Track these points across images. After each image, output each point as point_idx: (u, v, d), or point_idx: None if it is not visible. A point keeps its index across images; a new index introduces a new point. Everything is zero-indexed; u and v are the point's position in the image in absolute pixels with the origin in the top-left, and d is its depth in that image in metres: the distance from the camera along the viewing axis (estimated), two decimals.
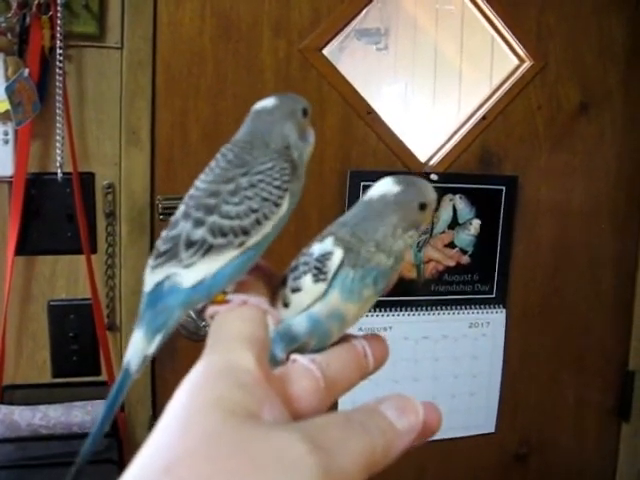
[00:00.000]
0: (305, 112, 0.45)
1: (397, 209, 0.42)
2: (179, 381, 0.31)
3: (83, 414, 1.29)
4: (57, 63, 1.23)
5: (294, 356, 0.39)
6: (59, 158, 1.26)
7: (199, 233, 0.40)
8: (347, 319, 0.41)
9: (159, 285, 0.41)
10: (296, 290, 0.41)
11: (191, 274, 0.40)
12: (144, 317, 0.42)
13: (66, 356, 1.35)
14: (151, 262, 0.42)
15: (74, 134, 1.28)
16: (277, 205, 0.41)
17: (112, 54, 1.31)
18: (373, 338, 0.42)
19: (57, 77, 1.23)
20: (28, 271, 1.32)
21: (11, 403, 1.29)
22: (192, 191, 0.42)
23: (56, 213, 1.31)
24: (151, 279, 0.42)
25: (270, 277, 0.44)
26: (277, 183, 0.41)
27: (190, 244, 0.40)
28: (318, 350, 0.41)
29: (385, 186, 0.43)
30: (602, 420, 1.74)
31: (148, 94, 1.33)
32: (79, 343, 1.35)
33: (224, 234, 0.40)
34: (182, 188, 1.38)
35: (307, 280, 0.41)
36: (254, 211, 0.40)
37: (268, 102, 0.45)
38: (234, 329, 0.36)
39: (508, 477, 1.69)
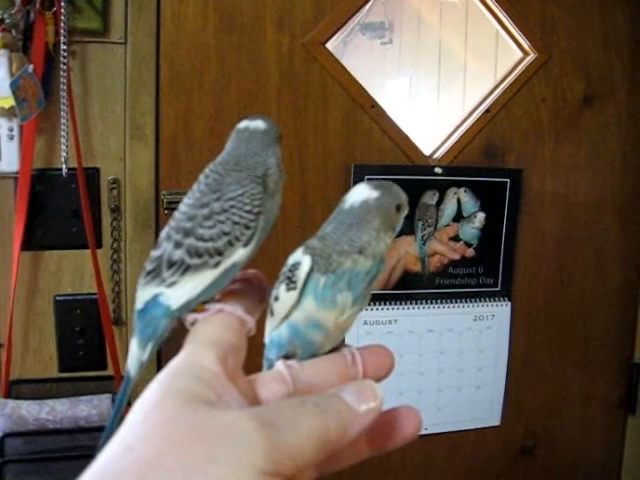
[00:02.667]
0: (280, 136, 0.49)
1: (378, 214, 0.43)
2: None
3: (90, 408, 1.30)
4: (61, 59, 1.23)
5: (278, 361, 0.42)
6: (64, 154, 1.26)
7: (178, 254, 0.45)
8: (327, 327, 0.42)
9: (148, 303, 0.46)
10: (276, 299, 0.44)
11: (175, 294, 0.45)
12: (136, 328, 0.47)
13: (72, 351, 1.36)
14: (140, 280, 0.47)
15: (79, 129, 1.28)
16: (248, 228, 0.44)
17: (116, 49, 1.31)
18: (371, 348, 0.43)
19: (61, 73, 1.23)
20: (34, 266, 1.33)
21: (18, 398, 1.30)
22: (175, 213, 0.46)
23: (61, 208, 1.32)
24: (141, 297, 0.46)
25: (260, 286, 0.47)
26: (248, 207, 0.44)
27: (171, 264, 0.45)
28: (309, 358, 0.43)
29: (364, 193, 0.44)
30: (608, 413, 1.74)
31: (152, 89, 1.33)
32: (85, 338, 1.36)
33: (199, 255, 0.44)
34: (187, 182, 1.39)
35: (282, 289, 0.43)
36: (226, 234, 0.44)
37: (259, 124, 0.48)
38: (204, 333, 0.39)
39: (514, 470, 1.69)
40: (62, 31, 1.22)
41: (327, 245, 0.43)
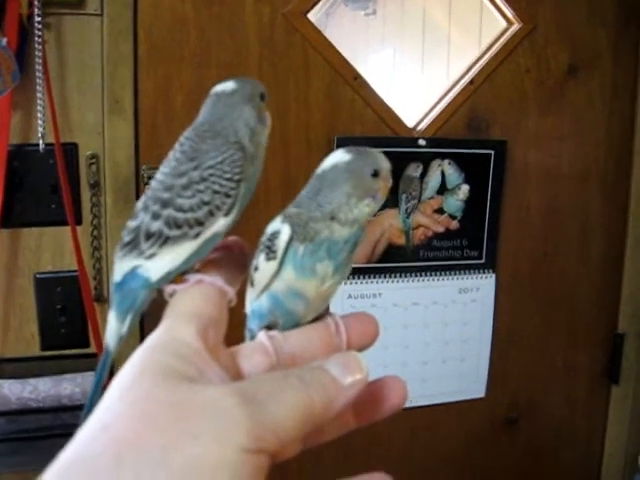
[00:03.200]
0: (262, 96, 0.47)
1: (349, 177, 0.42)
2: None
3: (73, 386, 1.29)
4: (36, 31, 1.19)
5: (260, 332, 0.41)
6: (41, 129, 1.23)
7: (156, 225, 0.43)
8: (308, 297, 0.41)
9: (126, 275, 0.45)
10: (256, 269, 0.43)
11: (154, 266, 0.43)
12: (114, 300, 0.46)
13: (54, 329, 1.34)
14: (118, 251, 0.46)
15: (55, 104, 1.25)
16: (228, 196, 0.43)
17: (92, 21, 1.28)
18: (356, 316, 0.42)
19: (36, 46, 1.20)
20: (13, 244, 1.30)
21: (0, 377, 1.29)
22: (152, 182, 0.45)
23: (40, 185, 1.30)
24: (119, 269, 0.45)
25: (241, 254, 0.45)
26: (227, 176, 0.43)
27: (149, 236, 0.44)
28: (291, 328, 0.42)
29: (336, 157, 0.43)
30: (592, 383, 1.75)
31: (130, 62, 1.30)
32: (67, 315, 1.34)
33: (179, 226, 0.42)
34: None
35: (261, 259, 0.42)
36: (206, 203, 0.42)
37: (228, 86, 0.47)
38: (182, 306, 0.39)
39: (498, 441, 1.70)
40: (36, 2, 1.19)
41: (302, 212, 0.41)
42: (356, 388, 0.35)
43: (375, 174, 0.42)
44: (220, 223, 0.43)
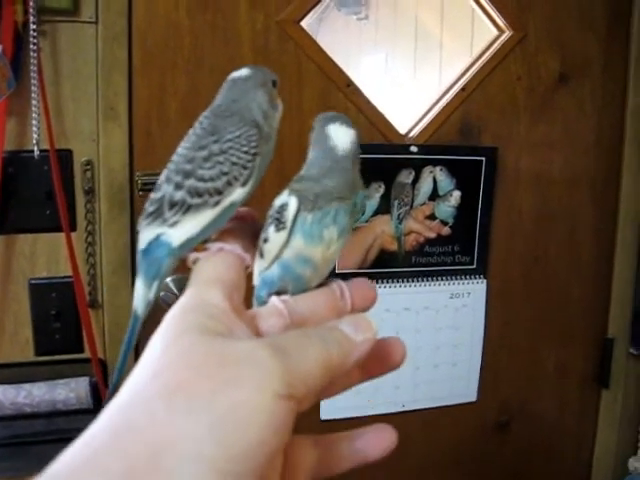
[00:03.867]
0: (274, 83, 0.51)
1: (358, 161, 0.47)
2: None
3: (67, 391, 1.29)
4: (31, 39, 1.20)
5: (272, 297, 0.44)
6: (35, 135, 1.24)
7: (179, 194, 0.46)
8: (315, 262, 0.45)
9: (151, 243, 0.48)
10: (265, 240, 0.46)
11: (177, 233, 0.47)
12: (140, 268, 0.49)
13: (48, 334, 1.35)
14: (142, 221, 0.48)
15: (50, 110, 1.26)
16: (245, 168, 0.47)
17: (87, 29, 1.29)
18: (357, 281, 0.46)
19: (31, 53, 1.21)
20: (8, 250, 1.31)
21: None
22: (173, 157, 0.48)
23: (34, 191, 1.30)
24: (143, 237, 0.48)
25: (254, 224, 0.49)
26: (245, 149, 0.46)
27: (172, 205, 0.47)
28: (299, 293, 0.45)
29: (349, 134, 0.47)
30: (582, 387, 1.77)
31: (125, 69, 1.31)
32: (61, 321, 1.35)
33: (200, 195, 0.46)
34: (161, 163, 1.36)
35: (271, 230, 0.45)
36: (225, 174, 0.46)
37: (243, 72, 0.50)
38: (207, 272, 0.42)
39: (489, 445, 1.71)
40: (31, 10, 1.20)
41: (310, 186, 0.45)
42: (367, 345, 0.39)
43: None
44: (238, 192, 0.47)
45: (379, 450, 0.42)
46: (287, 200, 0.45)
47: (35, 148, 1.24)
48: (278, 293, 0.45)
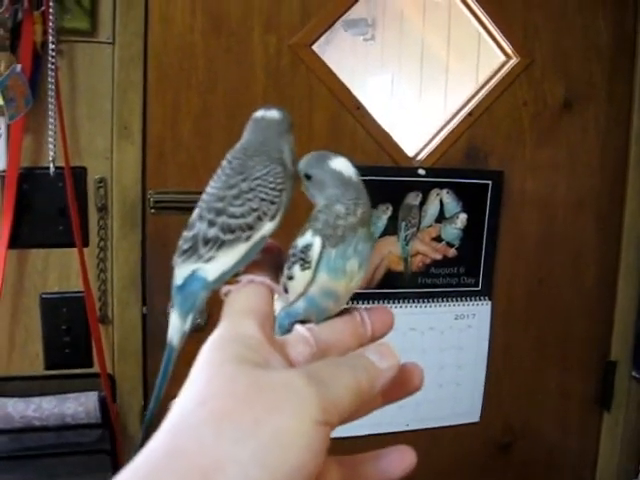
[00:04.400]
0: (291, 126, 0.53)
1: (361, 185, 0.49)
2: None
3: (76, 405, 1.31)
4: (49, 58, 1.23)
5: (296, 325, 0.46)
6: (51, 152, 1.27)
7: (212, 231, 0.49)
8: (339, 294, 0.47)
9: (187, 279, 0.50)
10: (290, 278, 0.48)
11: (212, 268, 0.49)
12: (176, 302, 0.51)
13: (58, 348, 1.36)
14: (177, 258, 0.51)
15: (66, 128, 1.28)
16: (273, 203, 0.49)
17: (104, 49, 1.32)
18: (376, 308, 0.48)
19: (49, 72, 1.24)
20: (21, 264, 1.33)
21: (4, 395, 1.30)
22: (204, 196, 0.50)
23: (48, 207, 1.33)
24: (179, 273, 0.50)
25: (278, 255, 0.51)
26: (272, 185, 0.49)
27: (206, 241, 0.49)
28: (320, 322, 0.47)
29: (348, 166, 0.49)
30: (584, 409, 1.78)
31: (140, 89, 1.34)
32: (71, 335, 1.36)
33: (232, 231, 0.48)
34: (173, 182, 1.39)
35: (296, 269, 0.47)
36: (254, 210, 0.48)
37: (275, 114, 0.53)
38: (241, 304, 0.44)
39: (492, 465, 1.72)
40: (50, 30, 1.23)
41: (329, 219, 0.47)
42: (392, 371, 0.41)
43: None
44: (267, 226, 0.49)
45: (401, 470, 0.44)
46: (311, 240, 0.47)
47: (51, 165, 1.27)
48: (302, 321, 0.47)
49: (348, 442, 0.50)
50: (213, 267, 0.49)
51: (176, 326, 0.51)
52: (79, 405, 1.31)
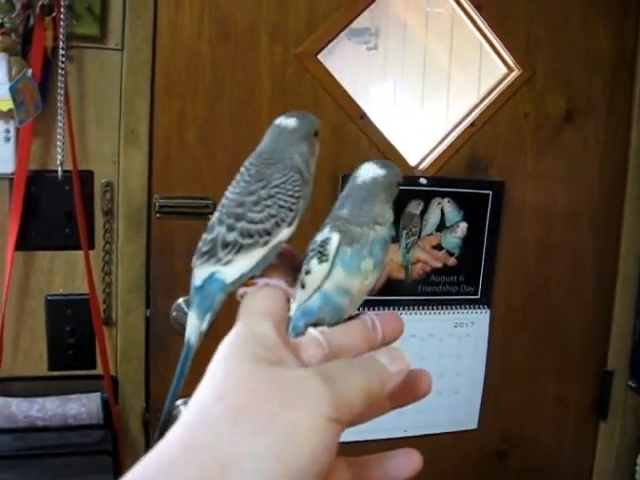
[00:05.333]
0: (316, 133, 0.55)
1: (386, 188, 0.52)
2: (171, 375, 0.40)
3: (79, 406, 1.32)
4: (59, 63, 1.25)
5: (309, 328, 0.47)
6: (59, 156, 1.28)
7: (232, 236, 0.51)
8: (353, 292, 0.49)
9: (205, 280, 0.52)
10: (307, 272, 0.50)
11: (230, 270, 0.51)
12: (194, 302, 0.53)
13: (62, 350, 1.38)
14: (196, 260, 0.52)
15: (74, 133, 1.30)
16: (291, 210, 0.51)
17: (113, 55, 1.34)
18: (386, 315, 0.50)
19: (59, 77, 1.25)
20: (27, 266, 1.35)
21: (8, 395, 1.32)
22: (223, 200, 0.53)
23: (55, 210, 1.34)
24: (198, 275, 0.52)
25: (292, 259, 0.53)
26: (290, 193, 0.51)
27: (225, 245, 0.51)
28: (333, 325, 0.49)
29: (373, 170, 0.52)
30: (580, 418, 1.80)
31: (147, 95, 1.36)
32: (75, 337, 1.38)
33: (251, 235, 0.50)
34: (179, 187, 1.41)
35: (314, 262, 0.49)
36: (273, 216, 0.50)
37: (290, 122, 0.54)
38: (257, 306, 0.45)
39: (489, 472, 1.74)
40: (61, 36, 1.25)
41: (349, 219, 0.50)
42: (401, 375, 0.42)
43: (398, 184, 0.53)
44: (284, 232, 0.51)
45: (407, 472, 0.45)
46: (329, 235, 0.49)
47: (58, 168, 1.28)
48: (315, 325, 0.49)
49: (347, 447, 0.52)
50: (231, 270, 0.51)
51: (194, 326, 0.53)
52: (82, 406, 1.33)
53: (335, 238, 0.49)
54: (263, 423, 0.35)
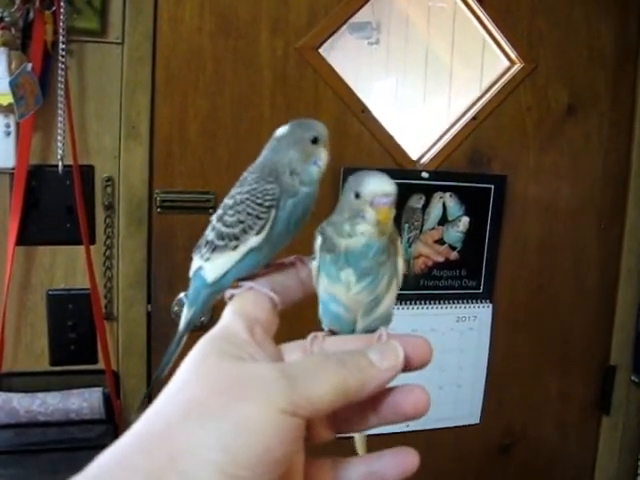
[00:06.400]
0: (315, 140, 0.52)
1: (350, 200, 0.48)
2: (174, 369, 0.40)
3: (80, 401, 1.32)
4: (59, 58, 1.25)
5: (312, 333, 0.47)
6: (60, 151, 1.28)
7: (211, 235, 0.52)
8: (343, 302, 0.47)
9: (195, 272, 0.54)
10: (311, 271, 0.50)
11: (209, 268, 0.52)
12: (189, 290, 0.55)
13: (64, 345, 1.38)
14: (194, 251, 0.54)
15: (75, 127, 1.30)
16: (259, 218, 0.50)
17: (113, 49, 1.33)
18: (409, 338, 0.44)
19: (59, 71, 1.25)
20: (28, 261, 1.35)
21: (9, 390, 1.32)
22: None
23: (56, 205, 1.34)
24: (192, 266, 0.54)
25: (291, 267, 0.52)
26: (259, 201, 0.50)
27: (206, 243, 0.53)
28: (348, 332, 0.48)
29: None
30: (583, 413, 1.79)
31: (148, 89, 1.35)
32: (77, 332, 1.38)
33: (222, 238, 0.51)
34: (180, 182, 1.41)
35: (312, 261, 0.49)
36: (241, 222, 0.51)
37: (280, 129, 0.53)
38: (236, 307, 0.46)
39: (491, 467, 1.74)
40: (61, 30, 1.25)
41: (330, 228, 0.47)
42: (390, 373, 0.41)
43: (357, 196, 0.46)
44: (253, 240, 0.50)
45: (397, 472, 0.44)
46: (316, 236, 0.48)
47: (59, 163, 1.28)
48: (332, 332, 0.48)
49: (348, 442, 0.51)
50: (209, 268, 0.52)
51: (184, 313, 0.55)
52: (83, 401, 1.32)
53: (318, 239, 0.48)
54: (213, 416, 0.35)
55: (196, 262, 0.54)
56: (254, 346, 0.41)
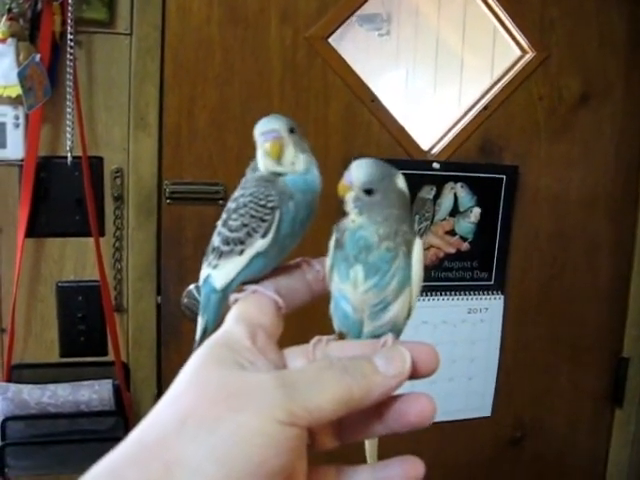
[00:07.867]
0: (293, 130, 0.52)
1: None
2: (183, 362, 0.39)
3: (90, 393, 1.32)
4: (68, 49, 1.24)
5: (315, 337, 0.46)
6: (69, 142, 1.28)
7: (217, 241, 0.52)
8: (352, 300, 0.46)
9: (205, 280, 0.53)
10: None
11: (218, 275, 0.52)
12: (200, 297, 0.55)
13: (74, 336, 1.38)
14: (204, 258, 0.54)
15: (84, 119, 1.30)
16: (263, 220, 0.49)
17: (122, 40, 1.33)
18: (422, 345, 0.44)
19: (67, 62, 1.25)
20: (37, 253, 1.34)
21: (20, 382, 1.32)
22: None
23: (65, 196, 1.34)
24: (201, 274, 0.54)
25: (298, 269, 0.51)
26: (262, 203, 0.49)
27: (213, 249, 0.52)
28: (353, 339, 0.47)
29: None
30: (596, 405, 1.78)
31: (156, 80, 1.35)
32: (86, 324, 1.38)
33: (228, 243, 0.51)
34: (189, 173, 1.40)
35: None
36: (245, 225, 0.50)
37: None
38: (237, 312, 0.46)
39: (503, 460, 1.73)
40: (69, 21, 1.24)
41: (343, 223, 0.47)
42: (397, 380, 0.40)
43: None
44: (259, 243, 0.50)
45: None
46: (333, 231, 0.48)
47: (68, 154, 1.28)
48: (341, 336, 0.48)
49: (352, 449, 0.50)
50: (219, 274, 0.52)
51: (198, 321, 0.55)
52: (93, 393, 1.32)
53: (333, 237, 0.48)
54: (208, 426, 0.35)
55: (205, 270, 0.53)
56: (255, 353, 0.41)
